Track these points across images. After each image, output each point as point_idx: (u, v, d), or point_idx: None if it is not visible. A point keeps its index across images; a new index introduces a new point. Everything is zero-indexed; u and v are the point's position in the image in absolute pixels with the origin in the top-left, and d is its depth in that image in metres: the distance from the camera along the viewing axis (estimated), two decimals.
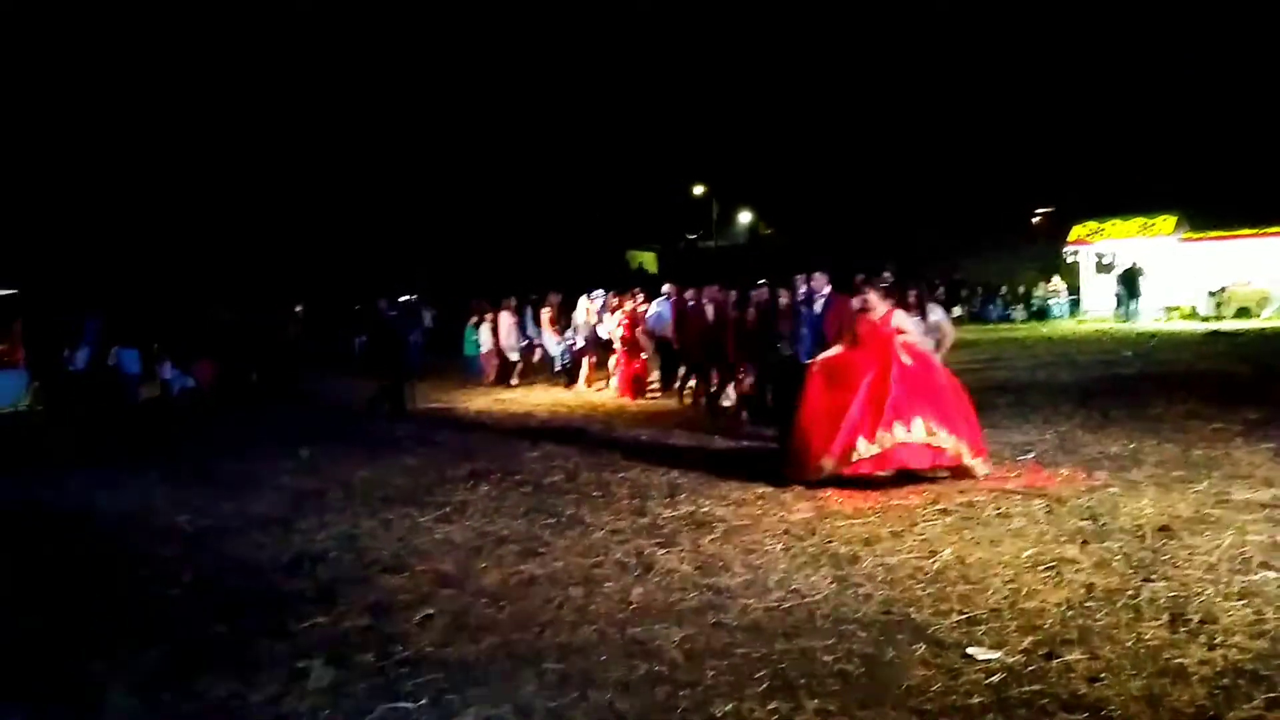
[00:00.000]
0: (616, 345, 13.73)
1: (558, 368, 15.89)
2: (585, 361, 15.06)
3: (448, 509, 7.00)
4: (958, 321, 27.36)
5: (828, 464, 6.93)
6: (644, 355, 13.56)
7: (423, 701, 3.70)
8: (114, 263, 26.15)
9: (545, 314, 16.11)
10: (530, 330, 16.87)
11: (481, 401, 13.96)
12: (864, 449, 6.81)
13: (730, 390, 11.20)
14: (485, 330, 16.62)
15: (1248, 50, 35.11)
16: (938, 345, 8.16)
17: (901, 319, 7.36)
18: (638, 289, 15.58)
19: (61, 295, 20.51)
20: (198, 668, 4.16)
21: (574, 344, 15.24)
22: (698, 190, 50.93)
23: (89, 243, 25.37)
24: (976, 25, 41.71)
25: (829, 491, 6.82)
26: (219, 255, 29.69)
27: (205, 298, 22.22)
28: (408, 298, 25.73)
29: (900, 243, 35.25)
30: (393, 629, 4.54)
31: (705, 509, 6.62)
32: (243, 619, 4.79)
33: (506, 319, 16.34)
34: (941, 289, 28.08)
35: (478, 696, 3.72)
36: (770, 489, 7.06)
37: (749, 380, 10.65)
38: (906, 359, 7.01)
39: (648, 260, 47.81)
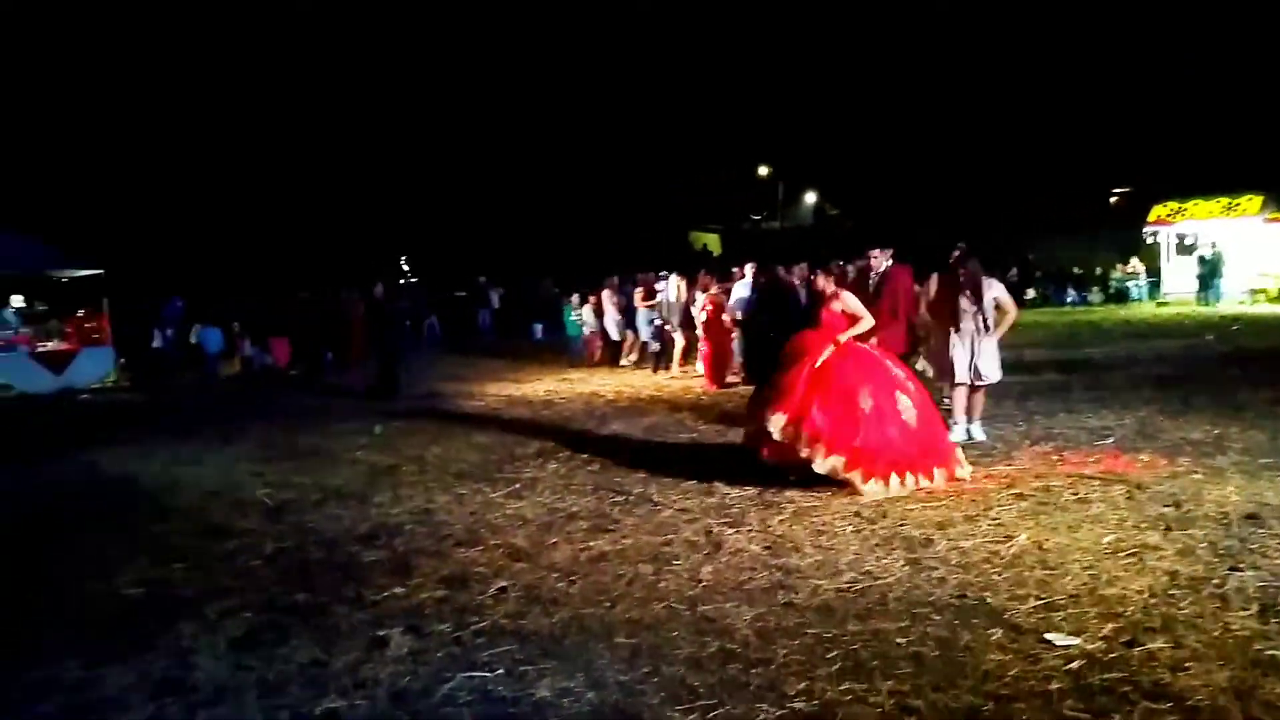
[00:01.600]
0: (699, 330, 13.21)
1: (650, 349, 15.11)
2: (676, 344, 14.41)
3: (518, 485, 7.11)
4: (1031, 304, 26.89)
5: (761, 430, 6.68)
6: (731, 339, 12.96)
7: (499, 671, 3.78)
8: (197, 245, 26.97)
9: (636, 295, 15.43)
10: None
11: (550, 383, 14.08)
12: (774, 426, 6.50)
13: None
14: (588, 311, 16.38)
15: None
16: (997, 323, 7.94)
17: (848, 301, 7.03)
18: (702, 271, 15.47)
19: (146, 276, 21.20)
20: (281, 634, 4.31)
21: (664, 325, 14.56)
22: (763, 171, 50.49)
23: (173, 226, 26.18)
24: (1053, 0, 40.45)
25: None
26: (297, 238, 30.35)
27: (284, 279, 22.76)
28: (480, 279, 26.12)
29: (973, 224, 34.48)
30: (468, 600, 4.64)
31: (773, 489, 6.59)
32: (323, 588, 4.94)
33: (610, 299, 15.93)
34: (1015, 271, 27.47)
35: (552, 668, 3.79)
36: None
37: None
38: (824, 357, 6.67)
39: (711, 241, 47.62)
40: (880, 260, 8.66)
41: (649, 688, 3.59)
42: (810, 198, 54.73)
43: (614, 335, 16.07)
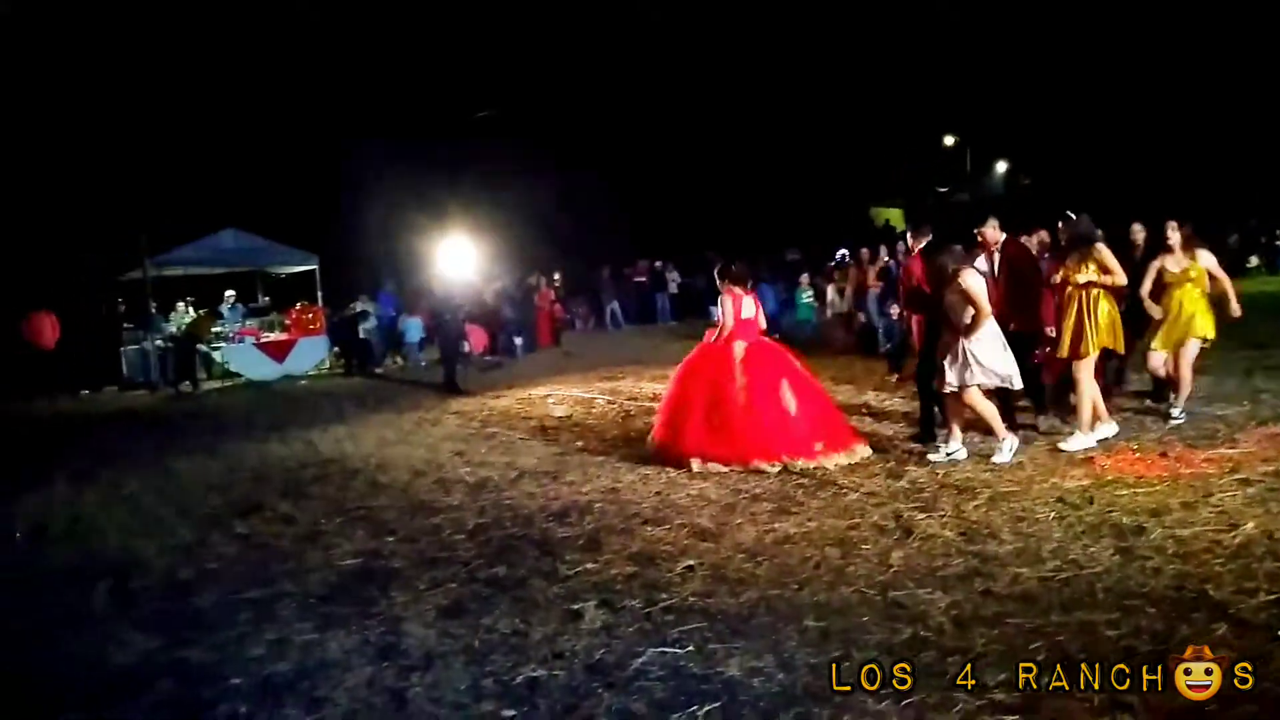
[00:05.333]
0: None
1: (882, 347, 13.08)
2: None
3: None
4: (1255, 272, 24.45)
5: None
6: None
7: (689, 648, 3.85)
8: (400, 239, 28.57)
9: (870, 272, 13.77)
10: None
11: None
12: None
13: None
14: (831, 291, 15.27)
15: None
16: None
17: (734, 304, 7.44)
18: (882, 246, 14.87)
19: (353, 267, 22.74)
20: (484, 604, 4.56)
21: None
22: (948, 140, 48.23)
23: (378, 220, 27.81)
24: None
25: (1106, 459, 6.35)
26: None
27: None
28: (658, 263, 26.39)
29: (1185, 192, 31.59)
30: (656, 578, 4.74)
31: (967, 473, 6.36)
32: (520, 562, 5.18)
33: (853, 278, 14.46)
34: (1235, 238, 25.14)
35: (741, 647, 3.82)
36: (1040, 455, 6.68)
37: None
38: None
39: (894, 216, 45.99)
40: (995, 234, 7.65)
41: (841, 672, 3.55)
42: (1001, 166, 51.90)
43: (875, 321, 13.96)
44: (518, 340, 18.67)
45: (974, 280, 6.64)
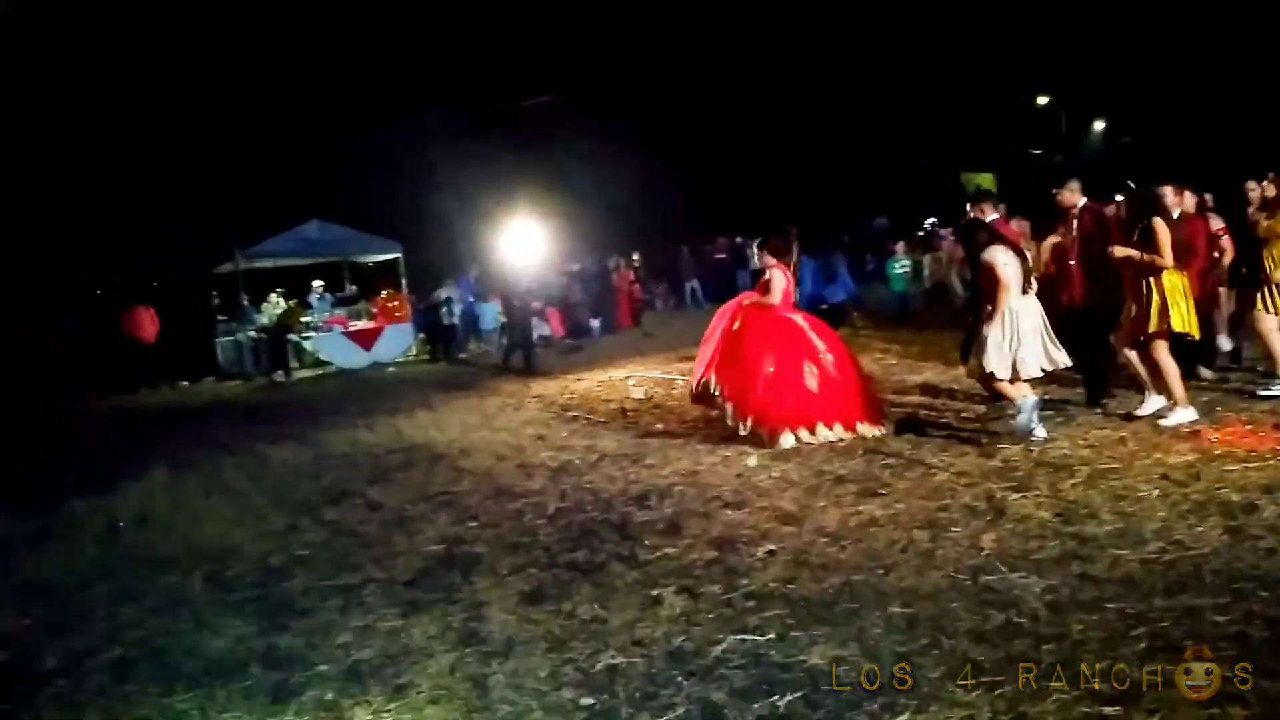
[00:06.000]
0: None
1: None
2: None
3: (783, 449, 7.05)
4: None
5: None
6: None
7: (770, 635, 3.77)
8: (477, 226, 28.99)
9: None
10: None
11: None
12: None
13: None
14: (929, 261, 14.74)
15: None
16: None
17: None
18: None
19: (437, 254, 23.11)
20: (564, 590, 4.56)
21: None
22: (1041, 101, 46.38)
23: (458, 205, 28.23)
24: None
25: (1214, 432, 6.02)
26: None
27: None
28: (738, 239, 26.10)
29: None
30: (736, 563, 4.67)
31: (1064, 450, 6.10)
32: (600, 547, 5.16)
33: (949, 248, 13.88)
34: None
35: (823, 635, 3.72)
36: (1141, 430, 6.37)
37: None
38: (737, 324, 7.61)
39: (985, 181, 44.40)
40: (1072, 198, 7.24)
41: (928, 660, 3.43)
42: (1099, 125, 49.72)
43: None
44: (595, 323, 18.71)
45: (998, 256, 6.37)
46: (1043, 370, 6.45)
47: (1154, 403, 6.75)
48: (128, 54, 26.36)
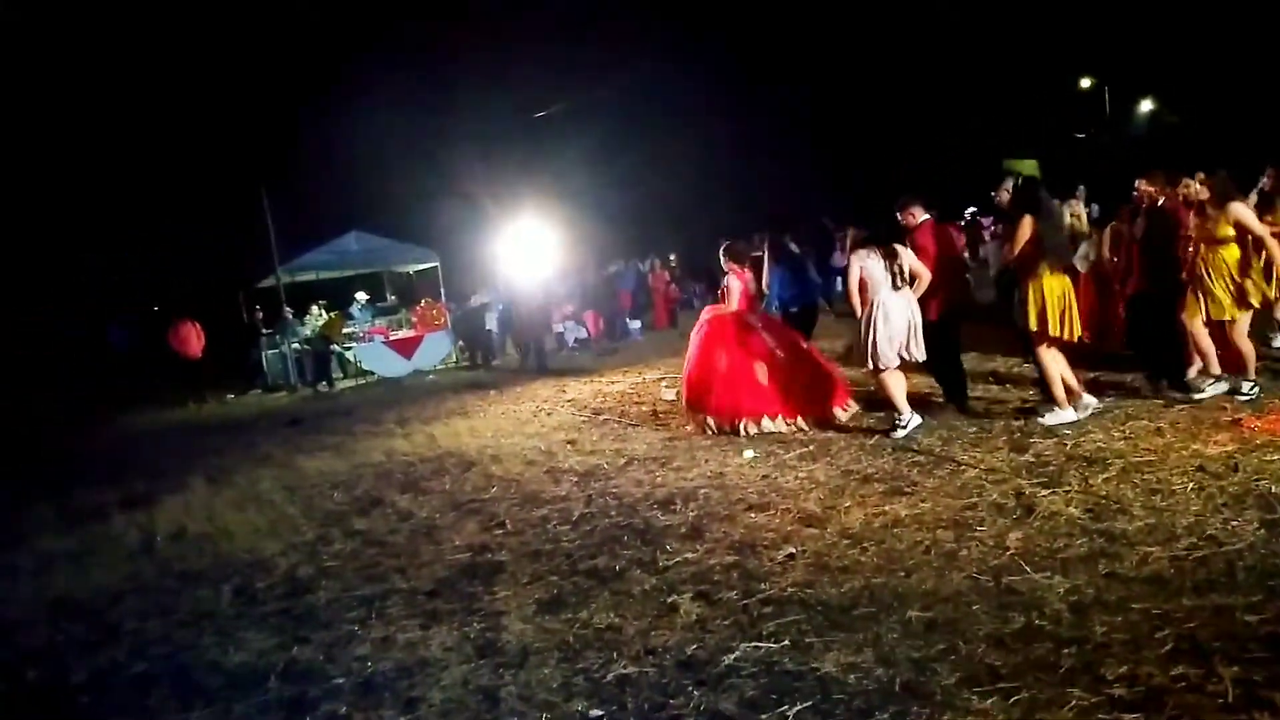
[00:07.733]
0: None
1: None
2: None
3: (811, 446, 6.96)
4: None
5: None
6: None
7: (784, 643, 3.70)
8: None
9: None
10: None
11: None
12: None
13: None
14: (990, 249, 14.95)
15: None
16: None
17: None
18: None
19: (473, 261, 23.27)
20: (582, 597, 4.53)
21: None
22: (1084, 83, 45.34)
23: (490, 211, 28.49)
24: None
25: (1256, 420, 5.81)
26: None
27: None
28: (780, 238, 25.88)
29: None
30: (756, 567, 4.60)
31: (1098, 443, 5.93)
32: (620, 553, 5.13)
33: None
34: None
35: (839, 641, 3.65)
36: (1180, 420, 6.17)
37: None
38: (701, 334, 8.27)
39: (1028, 168, 43.50)
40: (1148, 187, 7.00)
41: (944, 666, 3.34)
42: (1145, 106, 48.47)
43: None
44: (635, 325, 18.69)
45: (865, 261, 6.89)
46: (900, 358, 6.94)
47: (1219, 385, 6.69)
48: (178, 74, 26.99)
